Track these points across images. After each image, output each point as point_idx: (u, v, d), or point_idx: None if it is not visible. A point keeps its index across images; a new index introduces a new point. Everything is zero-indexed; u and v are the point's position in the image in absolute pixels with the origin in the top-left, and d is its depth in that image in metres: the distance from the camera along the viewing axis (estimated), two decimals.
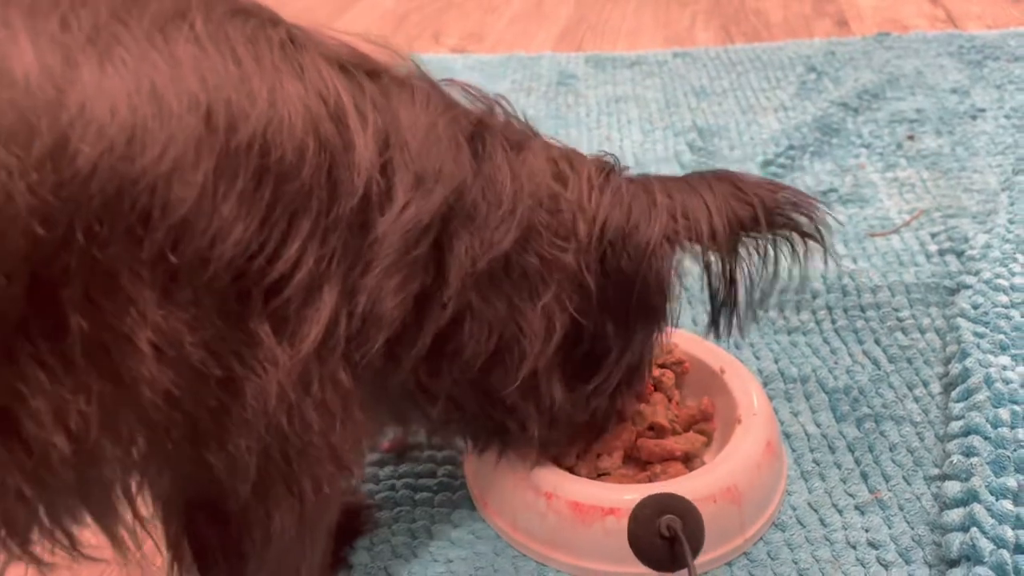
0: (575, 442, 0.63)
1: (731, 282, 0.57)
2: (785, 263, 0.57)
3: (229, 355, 0.38)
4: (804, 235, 0.56)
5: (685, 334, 0.75)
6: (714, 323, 0.59)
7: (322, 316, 0.41)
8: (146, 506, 0.45)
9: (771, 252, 0.56)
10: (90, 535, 0.42)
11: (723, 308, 0.58)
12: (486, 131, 0.50)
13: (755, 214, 0.54)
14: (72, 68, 0.33)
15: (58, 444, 0.34)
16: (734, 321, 0.58)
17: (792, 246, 0.56)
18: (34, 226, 0.31)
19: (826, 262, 0.59)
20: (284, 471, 0.43)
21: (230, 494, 0.42)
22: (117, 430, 0.35)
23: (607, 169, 0.55)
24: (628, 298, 0.54)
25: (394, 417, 0.57)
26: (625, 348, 0.57)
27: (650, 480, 0.63)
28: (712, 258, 0.56)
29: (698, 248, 0.55)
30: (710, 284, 0.57)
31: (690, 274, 0.89)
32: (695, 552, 0.52)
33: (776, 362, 0.77)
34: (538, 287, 0.51)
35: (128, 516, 0.42)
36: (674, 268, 0.56)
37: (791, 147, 1.11)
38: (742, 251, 0.56)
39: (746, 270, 0.57)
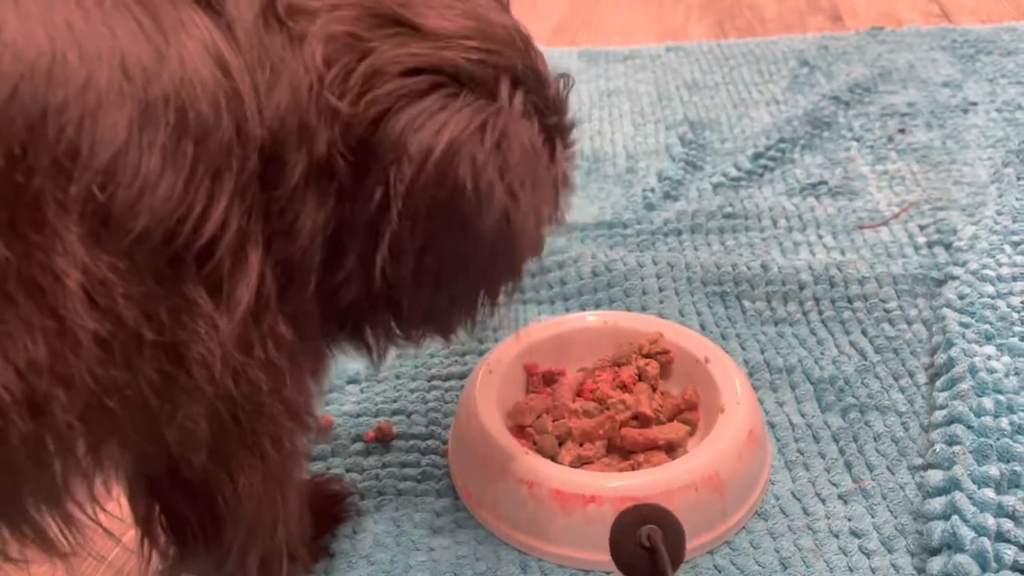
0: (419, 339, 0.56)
1: None
2: None
3: (167, 319, 0.38)
4: None
5: (670, 324, 0.75)
6: None
7: (251, 277, 0.40)
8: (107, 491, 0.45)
9: None
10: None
11: None
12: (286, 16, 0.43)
13: None
14: None
15: (8, 385, 0.33)
16: None
17: None
18: None
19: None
20: (238, 434, 0.43)
21: (185, 465, 0.42)
22: (68, 378, 0.35)
23: None
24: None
25: (347, 341, 0.53)
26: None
27: (633, 469, 0.63)
28: None
29: None
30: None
31: (677, 265, 0.89)
32: (675, 564, 0.51)
33: (762, 352, 0.77)
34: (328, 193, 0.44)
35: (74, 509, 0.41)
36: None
37: (782, 140, 1.11)
38: None
39: None
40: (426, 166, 0.43)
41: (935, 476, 0.59)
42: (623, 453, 0.66)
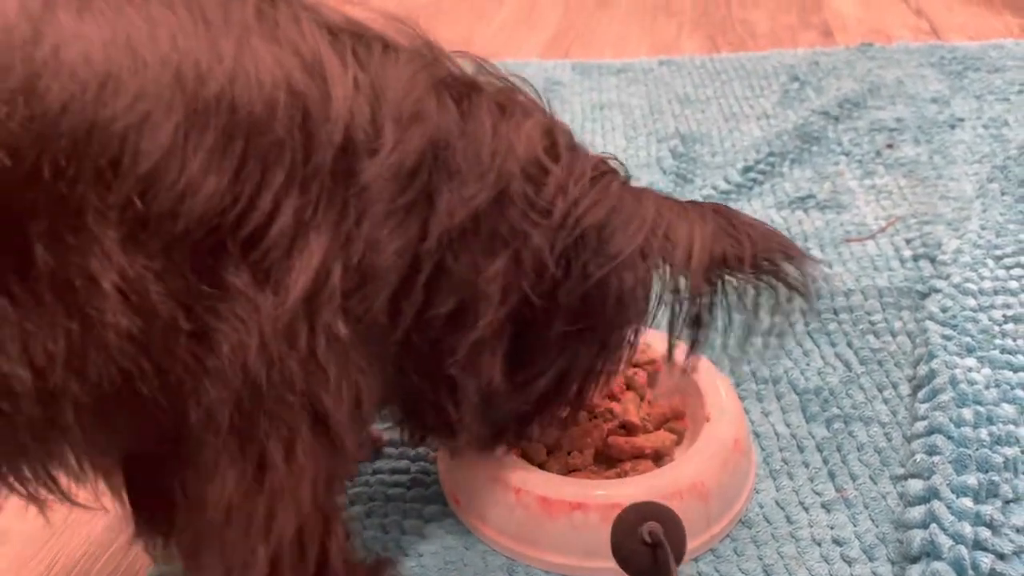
0: (497, 442, 0.61)
1: (698, 314, 0.53)
2: (765, 310, 0.54)
3: (202, 309, 0.39)
4: (788, 286, 0.53)
5: (657, 333, 0.76)
6: (668, 346, 0.56)
7: (310, 264, 0.41)
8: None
9: (752, 296, 0.53)
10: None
11: (682, 338, 0.55)
12: (474, 92, 0.50)
13: (741, 254, 0.52)
14: (50, 11, 0.35)
15: (22, 377, 0.35)
16: (693, 348, 0.55)
17: (776, 294, 0.54)
18: (2, 157, 0.33)
19: (806, 320, 0.58)
20: (239, 427, 0.41)
21: (191, 443, 0.41)
22: (84, 372, 0.36)
23: (606, 168, 0.53)
24: (583, 301, 0.52)
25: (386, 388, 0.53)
26: (562, 351, 0.55)
27: (619, 477, 0.64)
28: (683, 286, 0.53)
29: (671, 272, 0.52)
30: (673, 312, 0.54)
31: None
32: (678, 560, 0.52)
33: (748, 363, 0.78)
34: (499, 252, 0.49)
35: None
36: (643, 290, 0.53)
37: (771, 154, 1.12)
38: (720, 288, 0.53)
39: (723, 309, 0.54)
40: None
41: (915, 485, 0.60)
42: (610, 461, 0.67)
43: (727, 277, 0.53)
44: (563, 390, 0.57)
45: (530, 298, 0.51)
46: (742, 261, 0.52)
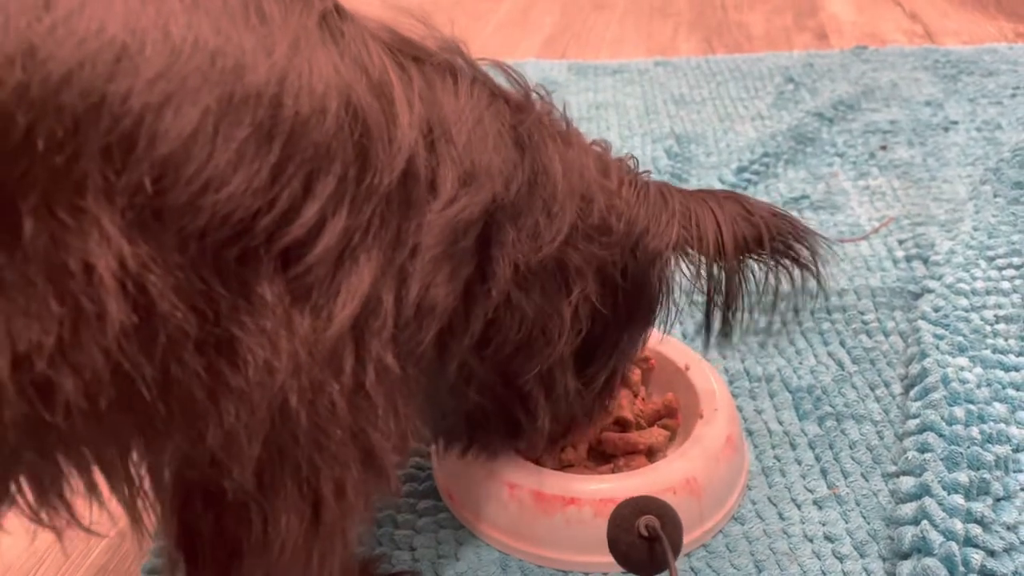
0: (567, 435, 0.64)
1: (732, 297, 0.57)
2: (783, 288, 0.57)
3: (223, 317, 0.36)
4: (801, 265, 0.57)
5: (653, 332, 0.76)
6: (706, 332, 0.59)
7: (359, 289, 0.38)
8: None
9: (771, 275, 0.57)
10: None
11: (719, 320, 0.58)
12: (532, 121, 0.50)
13: (760, 236, 0.55)
14: None
15: (2, 364, 0.32)
16: (725, 333, 0.59)
17: (789, 274, 0.57)
18: None
19: (823, 294, 0.61)
20: (295, 464, 0.39)
21: (226, 476, 0.38)
22: (80, 366, 0.33)
23: (634, 169, 0.56)
24: (632, 297, 0.56)
25: (431, 412, 0.54)
26: (619, 342, 0.58)
27: (613, 472, 0.65)
28: (715, 271, 0.56)
29: (702, 259, 0.56)
30: (710, 296, 0.57)
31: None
32: (675, 553, 0.52)
33: (742, 361, 0.78)
34: (571, 281, 0.51)
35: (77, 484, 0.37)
36: (670, 280, 0.57)
37: (766, 155, 1.13)
38: (745, 270, 0.57)
39: (746, 289, 0.57)
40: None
41: (906, 482, 0.61)
42: (604, 457, 0.67)
43: (748, 260, 0.56)
44: (614, 381, 0.61)
45: (597, 309, 0.54)
46: (761, 244, 0.55)
